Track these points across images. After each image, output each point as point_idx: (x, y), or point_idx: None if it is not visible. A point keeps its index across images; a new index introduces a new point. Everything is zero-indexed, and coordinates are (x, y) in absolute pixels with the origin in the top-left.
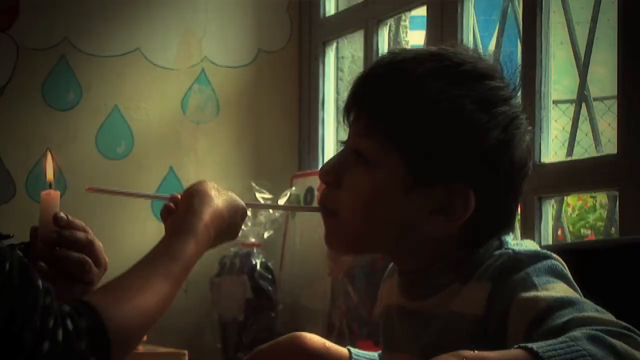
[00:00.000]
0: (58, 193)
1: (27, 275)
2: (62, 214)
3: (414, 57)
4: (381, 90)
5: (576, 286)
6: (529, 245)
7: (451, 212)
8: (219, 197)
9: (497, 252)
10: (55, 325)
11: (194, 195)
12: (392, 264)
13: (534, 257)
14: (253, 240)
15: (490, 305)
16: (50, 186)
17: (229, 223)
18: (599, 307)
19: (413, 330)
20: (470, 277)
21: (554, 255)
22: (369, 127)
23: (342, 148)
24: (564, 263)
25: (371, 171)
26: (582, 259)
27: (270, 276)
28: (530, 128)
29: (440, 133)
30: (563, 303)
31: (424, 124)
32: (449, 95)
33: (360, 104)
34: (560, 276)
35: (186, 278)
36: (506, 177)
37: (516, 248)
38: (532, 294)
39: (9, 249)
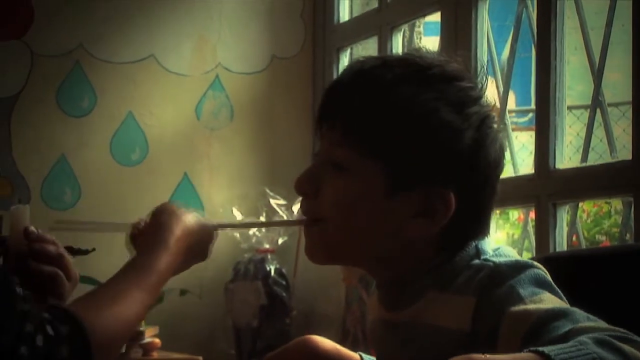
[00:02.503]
0: (27, 207)
1: (4, 281)
2: (32, 228)
3: (383, 64)
4: (353, 99)
5: (561, 293)
6: (508, 252)
7: (433, 214)
8: (187, 214)
9: (475, 262)
10: (34, 331)
11: (162, 212)
12: None
13: (515, 268)
14: (267, 246)
15: (476, 320)
16: (19, 201)
17: (199, 241)
18: (590, 316)
19: (397, 343)
20: (448, 286)
21: (535, 263)
22: (343, 136)
23: (316, 159)
24: (545, 270)
25: (349, 179)
26: (597, 265)
27: (284, 282)
28: (502, 126)
29: (415, 137)
30: (555, 314)
31: (398, 129)
32: (420, 99)
33: (332, 113)
34: (545, 285)
35: (161, 289)
36: (483, 176)
37: (496, 259)
38: (521, 307)
39: None
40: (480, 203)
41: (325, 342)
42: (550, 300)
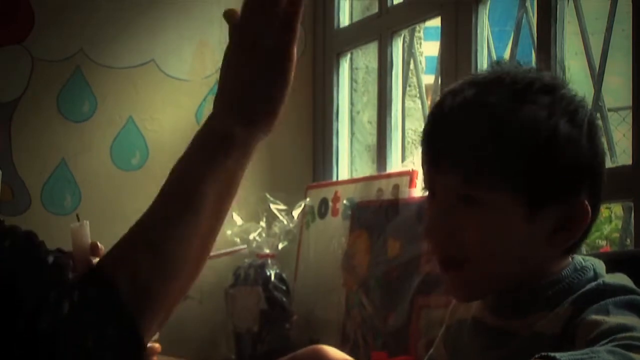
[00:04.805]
0: (87, 223)
1: (33, 251)
2: (100, 244)
3: (483, 90)
4: (470, 136)
5: None
6: (622, 280)
7: (571, 225)
8: None
9: (591, 286)
10: (59, 298)
11: None
12: None
13: (619, 289)
14: (267, 251)
15: (567, 327)
16: (78, 218)
17: None
18: None
19: (486, 345)
20: (561, 304)
21: None
22: (469, 176)
23: (430, 196)
24: None
25: (486, 215)
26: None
27: (284, 287)
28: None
29: (542, 159)
30: (623, 328)
31: (524, 156)
32: (536, 119)
33: (450, 155)
34: (638, 310)
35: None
36: (600, 174)
37: (607, 280)
38: (600, 317)
39: (11, 228)
40: (600, 198)
41: (336, 352)
42: (631, 320)
